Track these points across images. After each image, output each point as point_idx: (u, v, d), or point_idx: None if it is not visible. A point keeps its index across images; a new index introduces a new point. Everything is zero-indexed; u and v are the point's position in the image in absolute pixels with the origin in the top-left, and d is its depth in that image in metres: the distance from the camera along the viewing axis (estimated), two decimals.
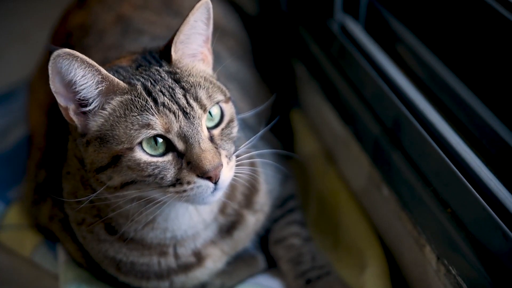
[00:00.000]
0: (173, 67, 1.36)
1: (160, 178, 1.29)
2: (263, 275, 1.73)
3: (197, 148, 1.28)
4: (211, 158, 1.28)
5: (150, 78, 1.32)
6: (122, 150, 1.28)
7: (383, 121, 1.72)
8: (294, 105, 2.27)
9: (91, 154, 1.32)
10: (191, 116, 1.29)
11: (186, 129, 1.28)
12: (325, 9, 2.00)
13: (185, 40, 1.38)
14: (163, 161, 1.29)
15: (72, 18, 1.97)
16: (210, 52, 1.44)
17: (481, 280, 1.32)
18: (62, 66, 1.25)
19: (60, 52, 1.23)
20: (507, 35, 1.44)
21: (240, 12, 2.26)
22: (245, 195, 1.61)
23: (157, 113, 1.27)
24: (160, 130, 1.27)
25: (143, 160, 1.28)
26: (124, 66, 1.37)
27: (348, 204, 1.87)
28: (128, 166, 1.29)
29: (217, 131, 1.36)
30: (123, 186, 1.32)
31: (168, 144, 1.30)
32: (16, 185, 2.01)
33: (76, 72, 1.26)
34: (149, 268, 1.53)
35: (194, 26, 1.37)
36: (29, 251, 1.82)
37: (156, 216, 1.43)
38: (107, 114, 1.31)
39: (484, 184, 1.39)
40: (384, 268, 1.68)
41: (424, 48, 1.72)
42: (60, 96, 1.29)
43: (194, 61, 1.40)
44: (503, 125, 1.44)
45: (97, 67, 1.27)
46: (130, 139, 1.27)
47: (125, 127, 1.28)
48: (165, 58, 1.38)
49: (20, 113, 2.23)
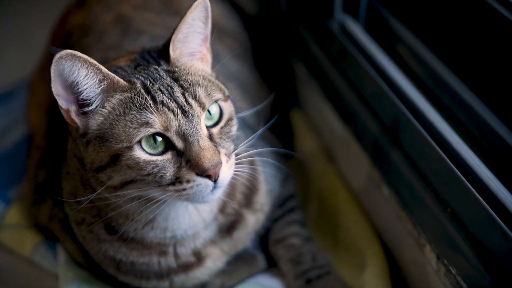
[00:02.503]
0: (171, 66, 1.37)
1: (159, 177, 1.29)
2: (263, 275, 1.73)
3: (196, 146, 1.28)
4: (210, 156, 1.28)
5: (149, 77, 1.33)
6: (121, 149, 1.28)
7: (383, 120, 1.72)
8: (294, 104, 2.27)
9: (91, 153, 1.32)
10: (189, 115, 1.29)
11: (185, 127, 1.28)
12: (325, 9, 2.00)
13: (183, 39, 1.38)
14: (162, 160, 1.29)
15: (72, 18, 1.97)
16: (209, 51, 1.44)
17: (481, 280, 1.32)
18: (65, 67, 1.25)
19: (62, 54, 1.23)
20: (507, 35, 1.44)
21: (240, 12, 2.26)
22: (245, 195, 1.61)
23: (156, 111, 1.28)
24: (159, 128, 1.27)
25: (142, 158, 1.28)
26: (122, 66, 1.37)
27: (348, 204, 1.87)
28: (127, 165, 1.29)
29: (216, 130, 1.36)
30: (123, 185, 1.32)
31: (167, 143, 1.30)
32: (16, 185, 2.01)
33: (79, 72, 1.26)
34: (149, 268, 1.53)
35: (192, 25, 1.37)
36: (29, 251, 1.82)
37: (156, 216, 1.43)
38: (107, 112, 1.31)
39: (484, 184, 1.39)
40: (384, 268, 1.68)
41: (424, 48, 1.72)
42: (61, 98, 1.29)
43: (192, 60, 1.41)
44: (503, 125, 1.44)
45: (98, 66, 1.27)
46: (129, 138, 1.27)
47: (124, 125, 1.28)
48: (163, 57, 1.38)
49: (20, 113, 2.23)
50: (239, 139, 1.48)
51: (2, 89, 2.47)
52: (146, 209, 1.37)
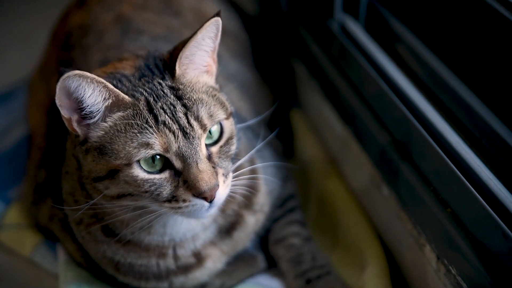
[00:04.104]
0: (176, 83, 1.35)
1: (156, 195, 1.30)
2: (263, 275, 1.72)
3: (195, 169, 1.28)
4: (208, 179, 1.28)
5: (153, 93, 1.31)
6: (120, 165, 1.28)
7: (383, 120, 1.71)
8: (294, 105, 2.27)
9: (90, 163, 1.33)
10: (190, 136, 1.29)
11: (184, 149, 1.28)
12: (325, 9, 2.00)
13: (190, 56, 1.36)
14: (160, 178, 1.29)
15: (72, 18, 1.97)
16: (215, 61, 1.42)
17: (481, 280, 1.32)
18: (71, 86, 1.24)
19: (70, 74, 1.22)
20: (507, 35, 1.44)
21: (240, 12, 2.26)
22: (245, 196, 1.60)
23: (156, 132, 1.27)
24: (159, 150, 1.27)
25: (140, 177, 1.28)
26: (127, 76, 1.35)
27: (348, 204, 1.87)
28: (125, 180, 1.29)
29: (216, 149, 1.35)
30: (120, 197, 1.32)
31: (165, 162, 1.30)
32: (16, 185, 2.01)
33: (85, 92, 1.26)
34: (147, 270, 1.53)
35: (201, 44, 1.35)
36: (29, 251, 1.82)
37: (154, 223, 1.43)
38: (108, 127, 1.30)
39: (484, 184, 1.39)
40: (384, 268, 1.68)
41: (424, 48, 1.72)
42: (64, 108, 1.29)
43: (197, 73, 1.39)
44: (503, 125, 1.44)
45: (105, 84, 1.26)
46: (129, 156, 1.27)
47: (125, 142, 1.28)
48: (169, 70, 1.36)
49: (20, 113, 2.23)
50: (240, 141, 1.48)
51: (2, 89, 2.46)
52: (142, 217, 1.37)
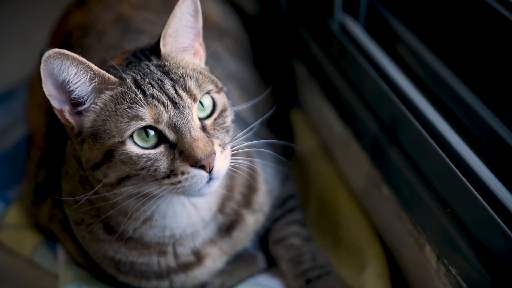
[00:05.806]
0: (162, 61, 1.37)
1: (153, 170, 1.29)
2: (263, 275, 1.73)
3: (188, 137, 1.28)
4: (203, 146, 1.28)
5: (139, 72, 1.33)
6: (114, 144, 1.29)
7: (383, 120, 1.72)
8: (294, 104, 2.27)
9: (86, 152, 1.33)
10: (180, 106, 1.30)
11: (176, 119, 1.29)
12: (325, 9, 2.00)
13: (174, 34, 1.38)
14: (155, 153, 1.29)
15: (72, 18, 1.97)
16: (202, 46, 1.45)
17: (481, 280, 1.32)
18: (54, 66, 1.26)
19: (50, 53, 1.24)
20: (507, 35, 1.44)
21: (240, 12, 2.26)
22: (244, 195, 1.61)
23: (146, 105, 1.28)
24: (149, 121, 1.28)
25: (135, 153, 1.28)
26: (114, 65, 1.37)
27: (348, 204, 1.87)
28: (121, 160, 1.29)
29: (210, 121, 1.36)
30: (119, 182, 1.32)
31: (159, 136, 1.30)
32: (16, 185, 2.01)
33: (69, 71, 1.27)
34: (148, 268, 1.54)
35: (181, 19, 1.37)
36: (29, 251, 1.82)
37: (154, 213, 1.43)
38: (99, 109, 1.32)
39: (484, 184, 1.39)
40: (384, 268, 1.68)
41: (424, 48, 1.72)
42: (54, 98, 1.30)
43: (184, 54, 1.41)
44: (503, 125, 1.44)
45: (88, 64, 1.28)
46: (121, 132, 1.28)
47: (116, 120, 1.29)
48: (155, 53, 1.39)
49: (20, 113, 2.23)
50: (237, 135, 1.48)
51: (2, 89, 2.47)
52: (143, 205, 1.37)
